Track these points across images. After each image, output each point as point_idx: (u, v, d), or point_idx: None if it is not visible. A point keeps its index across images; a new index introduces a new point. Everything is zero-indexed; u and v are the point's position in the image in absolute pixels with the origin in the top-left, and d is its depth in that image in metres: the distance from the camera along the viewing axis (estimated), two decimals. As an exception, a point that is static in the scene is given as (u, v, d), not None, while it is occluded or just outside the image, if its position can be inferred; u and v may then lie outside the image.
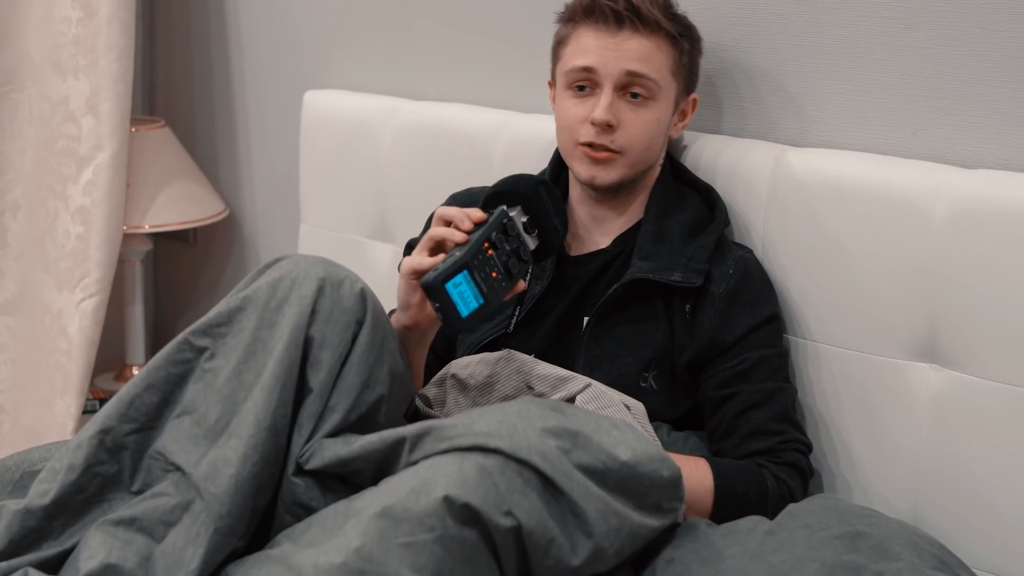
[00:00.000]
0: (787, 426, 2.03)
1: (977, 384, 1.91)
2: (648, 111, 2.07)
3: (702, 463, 1.96)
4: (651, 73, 2.05)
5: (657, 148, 2.12)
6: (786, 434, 2.02)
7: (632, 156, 2.08)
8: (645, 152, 2.09)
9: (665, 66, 2.07)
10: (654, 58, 2.06)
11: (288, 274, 1.82)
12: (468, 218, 1.92)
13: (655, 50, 2.06)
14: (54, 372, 3.05)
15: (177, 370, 1.82)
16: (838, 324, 2.07)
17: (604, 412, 1.89)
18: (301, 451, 1.75)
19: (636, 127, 2.07)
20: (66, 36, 3.02)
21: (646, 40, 2.06)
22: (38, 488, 1.78)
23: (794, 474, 2.00)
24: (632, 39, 2.05)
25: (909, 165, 2.03)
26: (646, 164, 2.12)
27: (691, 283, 2.04)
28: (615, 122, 2.06)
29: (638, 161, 2.09)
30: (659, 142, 2.12)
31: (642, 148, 2.08)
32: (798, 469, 2.01)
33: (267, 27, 3.16)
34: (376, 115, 2.75)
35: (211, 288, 3.45)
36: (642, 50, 2.05)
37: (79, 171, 3.01)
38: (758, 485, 1.96)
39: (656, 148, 2.12)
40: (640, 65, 2.05)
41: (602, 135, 2.06)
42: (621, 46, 2.05)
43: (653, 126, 2.08)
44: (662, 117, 2.09)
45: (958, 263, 1.92)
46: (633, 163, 2.09)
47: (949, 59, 2.01)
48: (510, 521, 1.61)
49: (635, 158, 2.09)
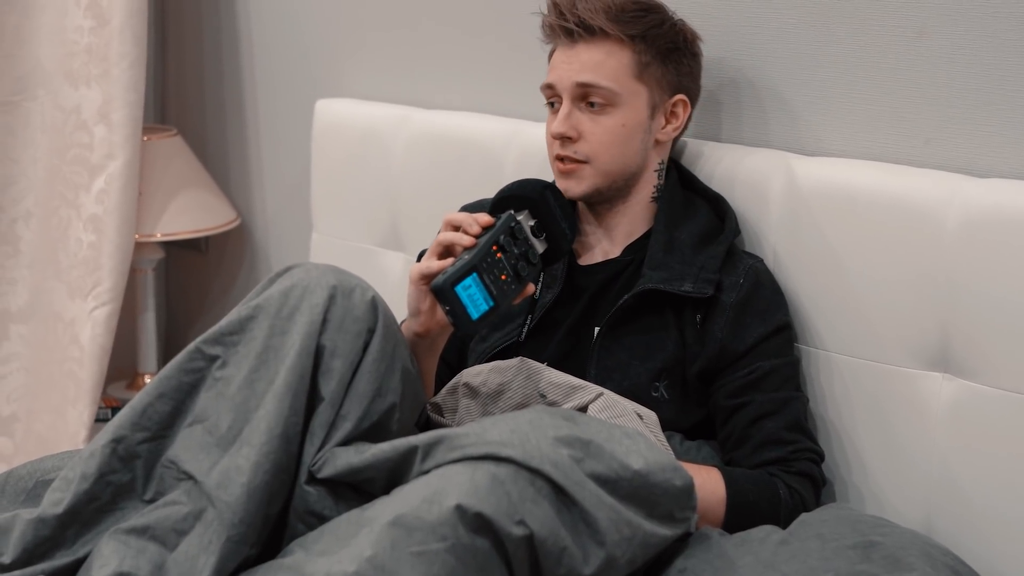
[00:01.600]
0: (799, 435, 2.02)
1: (989, 393, 1.91)
2: (609, 117, 2.07)
3: (714, 472, 1.96)
4: (602, 81, 2.05)
5: (634, 154, 2.10)
6: (798, 443, 2.02)
7: (600, 164, 2.08)
8: (617, 158, 2.08)
9: (621, 71, 2.07)
10: (606, 65, 2.06)
11: (299, 282, 1.83)
12: (476, 222, 1.93)
13: (607, 57, 2.06)
14: (66, 380, 3.05)
15: (189, 379, 1.82)
16: (850, 333, 2.06)
17: (617, 421, 1.89)
18: (313, 460, 1.75)
19: (597, 135, 2.07)
20: (78, 45, 3.02)
21: (596, 48, 2.06)
22: (51, 497, 1.78)
23: (807, 484, 2.00)
24: (584, 51, 2.07)
25: (921, 174, 2.02)
26: (624, 171, 2.10)
27: (702, 293, 2.04)
28: (574, 134, 2.07)
29: (611, 170, 2.09)
30: (634, 147, 2.10)
31: (611, 155, 2.08)
32: (811, 479, 2.01)
33: (279, 36, 3.17)
34: (388, 124, 2.75)
35: (223, 296, 3.45)
36: (592, 59, 2.06)
37: (91, 180, 3.02)
38: (771, 495, 1.96)
39: (632, 154, 2.10)
40: (589, 75, 2.05)
41: (565, 147, 2.08)
42: (573, 59, 2.07)
43: (619, 132, 2.07)
44: (629, 122, 2.08)
45: (970, 272, 1.91)
46: (604, 171, 2.08)
47: (961, 68, 2.00)
48: (522, 530, 1.61)
49: (605, 167, 2.08)
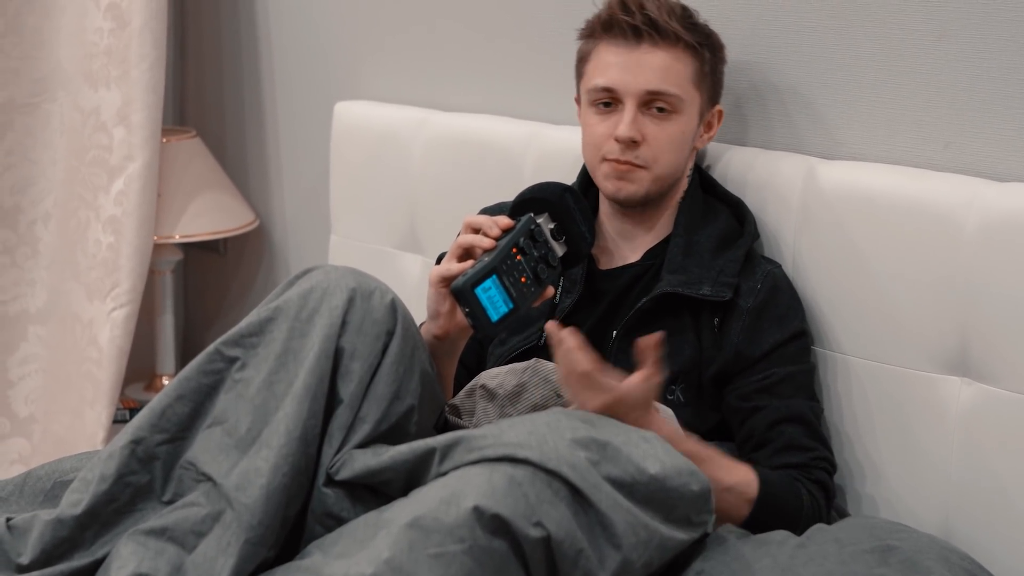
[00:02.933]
0: (818, 443, 2.02)
1: (1008, 398, 1.90)
2: (672, 124, 2.07)
3: (749, 469, 1.95)
4: (672, 88, 2.04)
5: (683, 161, 2.11)
6: (817, 451, 2.01)
7: (657, 170, 2.07)
8: (671, 166, 2.09)
9: (686, 78, 2.06)
10: (674, 71, 2.05)
11: (319, 285, 1.83)
12: (496, 225, 1.92)
13: (675, 62, 2.05)
14: (84, 382, 3.06)
15: (208, 380, 1.82)
16: (868, 337, 2.06)
17: None
18: (331, 462, 1.76)
19: (661, 140, 2.06)
20: (98, 47, 3.03)
21: (665, 53, 2.05)
22: (70, 498, 1.79)
23: (822, 493, 2.00)
24: (651, 53, 2.04)
25: (940, 178, 2.02)
26: (672, 178, 2.11)
27: (720, 297, 2.04)
28: (639, 137, 2.05)
29: (664, 175, 2.09)
30: (685, 155, 2.11)
31: (668, 162, 2.08)
32: (826, 489, 2.01)
33: (298, 38, 3.17)
34: (406, 126, 2.75)
35: (241, 298, 3.46)
36: (662, 64, 2.04)
37: (110, 181, 3.02)
38: (795, 499, 1.95)
39: (682, 161, 2.11)
40: (661, 82, 2.04)
41: (626, 151, 2.06)
42: (641, 62, 2.04)
43: (678, 139, 2.08)
44: (687, 129, 2.09)
45: (990, 276, 1.91)
46: (659, 177, 2.08)
47: (980, 72, 2.00)
48: (540, 532, 1.61)
49: (661, 172, 2.08)
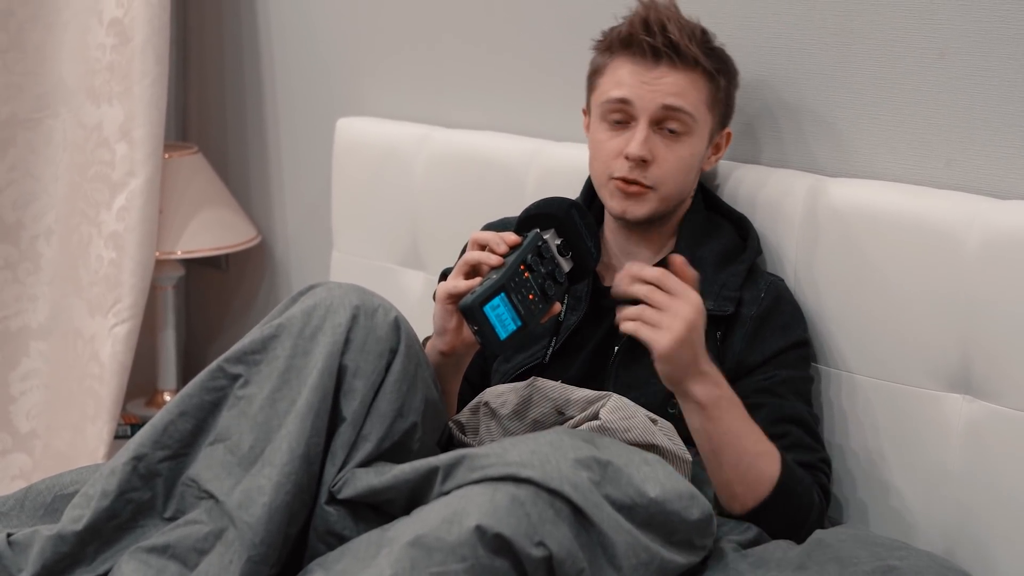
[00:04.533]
0: (820, 447, 2.03)
1: (1010, 415, 1.90)
2: (683, 146, 2.06)
3: (774, 449, 1.91)
4: (687, 107, 2.04)
5: (690, 182, 2.11)
6: (821, 454, 2.02)
7: (665, 191, 2.07)
8: (678, 187, 2.09)
9: (701, 100, 2.06)
10: (690, 93, 2.05)
11: (322, 302, 1.83)
12: (503, 241, 1.91)
13: (691, 85, 2.05)
14: (86, 397, 3.06)
15: (211, 397, 1.82)
16: (871, 355, 2.06)
17: (627, 423, 1.87)
18: (334, 480, 1.75)
19: (670, 162, 2.06)
20: (100, 62, 3.03)
21: (683, 75, 2.04)
22: (71, 514, 1.79)
23: (823, 497, 1.99)
24: (669, 75, 2.04)
25: (942, 196, 2.02)
26: (679, 198, 2.11)
27: (722, 311, 2.04)
28: (650, 157, 2.05)
29: (671, 196, 2.09)
30: (692, 176, 2.11)
31: (675, 183, 2.08)
32: (827, 494, 2.01)
33: (300, 54, 3.18)
34: (408, 143, 2.76)
35: (243, 314, 3.46)
36: (679, 85, 2.04)
37: (112, 197, 3.03)
38: (810, 493, 1.94)
39: (689, 182, 2.11)
40: (676, 99, 2.04)
41: (635, 170, 2.06)
42: (658, 81, 2.04)
43: (687, 161, 2.08)
44: (696, 151, 2.09)
45: (991, 294, 1.91)
46: (665, 198, 2.08)
47: (982, 90, 2.00)
48: (542, 551, 1.61)
49: (668, 193, 2.08)
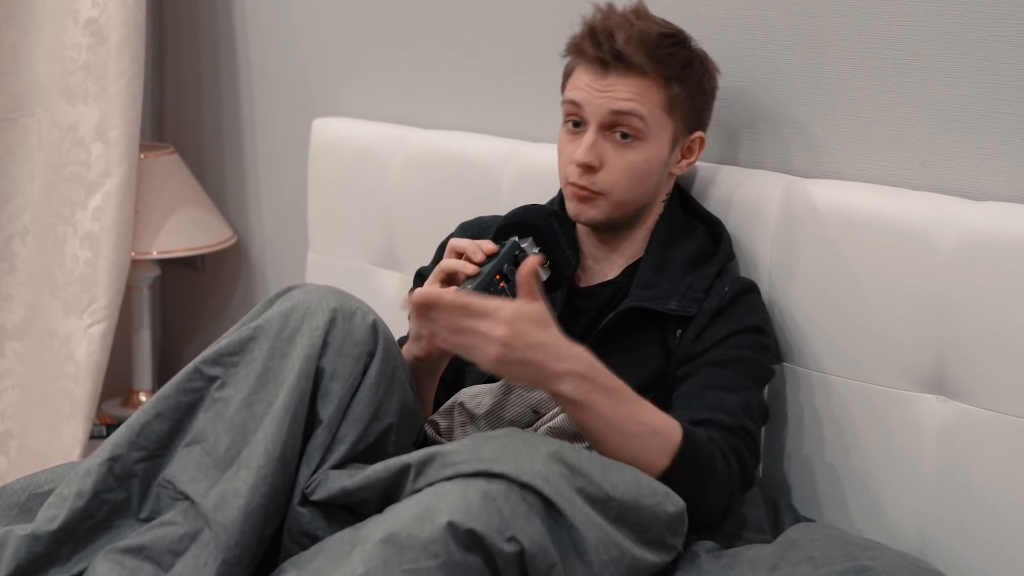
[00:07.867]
0: (747, 419, 1.96)
1: (984, 416, 1.91)
2: (635, 152, 2.05)
3: (674, 421, 1.87)
4: (639, 111, 2.03)
5: (650, 187, 2.09)
6: (746, 424, 1.95)
7: (617, 196, 2.06)
8: (633, 192, 2.07)
9: (656, 105, 2.04)
10: (644, 97, 2.03)
11: (300, 304, 1.83)
12: (480, 250, 1.92)
13: (643, 91, 2.03)
14: (61, 397, 3.05)
15: (187, 399, 1.82)
16: (845, 355, 2.07)
17: None
18: (307, 482, 1.76)
19: (619, 168, 2.05)
20: (76, 62, 3.03)
21: (634, 82, 2.03)
22: (46, 514, 1.78)
23: (736, 466, 1.92)
24: (618, 82, 2.03)
25: (917, 197, 2.03)
26: (637, 203, 2.09)
27: (686, 312, 2.03)
28: (597, 163, 2.04)
29: (625, 201, 2.07)
30: (652, 182, 2.09)
31: (627, 188, 2.06)
32: (742, 463, 1.93)
33: (276, 55, 3.17)
34: (384, 143, 2.76)
35: (219, 314, 3.46)
36: (629, 91, 2.03)
37: (88, 197, 3.02)
38: (712, 462, 1.88)
39: (648, 187, 2.09)
40: (625, 104, 2.02)
41: (584, 176, 2.05)
42: (609, 88, 2.03)
43: (641, 167, 2.06)
44: (652, 157, 2.06)
45: (965, 295, 1.92)
46: (619, 203, 2.07)
47: (957, 91, 2.01)
48: (514, 547, 1.61)
49: (621, 198, 2.06)
